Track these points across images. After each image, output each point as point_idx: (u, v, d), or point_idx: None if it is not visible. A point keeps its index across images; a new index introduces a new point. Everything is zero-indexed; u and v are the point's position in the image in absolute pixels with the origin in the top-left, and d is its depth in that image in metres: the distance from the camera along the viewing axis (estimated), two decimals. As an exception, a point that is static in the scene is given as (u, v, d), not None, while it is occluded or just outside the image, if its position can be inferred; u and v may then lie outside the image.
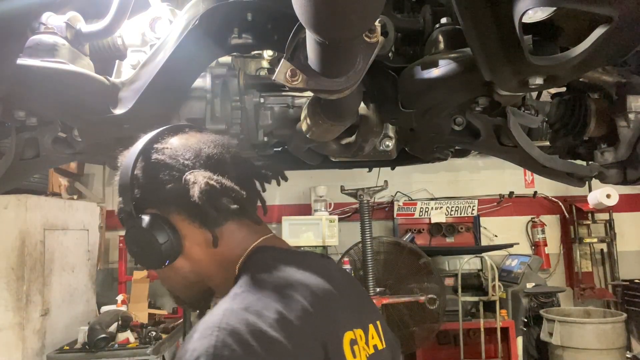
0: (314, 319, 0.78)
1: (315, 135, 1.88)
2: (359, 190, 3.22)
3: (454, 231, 5.47)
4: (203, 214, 0.90)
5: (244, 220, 0.96)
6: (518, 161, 1.93)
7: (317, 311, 0.80)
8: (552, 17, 1.24)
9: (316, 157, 2.79)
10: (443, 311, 3.94)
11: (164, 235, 0.90)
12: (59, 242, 4.25)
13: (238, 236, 0.94)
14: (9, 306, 3.71)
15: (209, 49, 1.62)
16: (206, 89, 1.86)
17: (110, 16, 1.60)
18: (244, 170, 1.00)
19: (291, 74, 1.08)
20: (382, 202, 5.65)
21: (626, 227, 5.67)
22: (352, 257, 4.11)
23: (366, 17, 0.85)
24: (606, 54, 1.17)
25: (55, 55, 1.53)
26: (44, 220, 4.03)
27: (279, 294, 0.79)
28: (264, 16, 1.54)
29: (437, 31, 1.62)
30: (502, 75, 1.31)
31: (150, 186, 0.93)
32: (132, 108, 1.58)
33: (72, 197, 4.81)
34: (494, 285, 4.26)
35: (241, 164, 1.00)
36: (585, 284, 5.40)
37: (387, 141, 2.18)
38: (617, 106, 1.81)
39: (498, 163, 5.25)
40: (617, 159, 1.84)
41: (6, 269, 3.74)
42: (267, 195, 1.05)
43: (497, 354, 4.32)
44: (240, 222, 0.95)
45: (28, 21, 1.33)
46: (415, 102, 1.75)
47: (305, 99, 2.15)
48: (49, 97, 1.55)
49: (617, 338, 4.09)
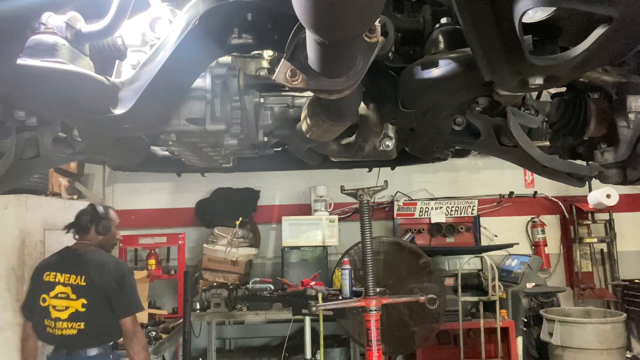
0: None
1: (315, 136, 1.88)
2: (359, 190, 3.21)
3: (454, 231, 5.47)
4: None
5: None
6: (518, 161, 1.93)
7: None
8: (552, 17, 1.24)
9: (316, 157, 2.79)
10: (443, 311, 3.94)
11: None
12: (59, 242, 4.22)
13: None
14: (9, 306, 3.71)
15: (209, 49, 1.62)
16: (206, 89, 1.86)
17: (110, 16, 1.60)
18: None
19: (291, 74, 1.08)
20: (382, 202, 5.65)
21: (626, 227, 5.67)
22: (352, 257, 4.11)
23: (366, 17, 0.85)
24: (606, 54, 1.18)
25: (55, 55, 1.53)
26: (44, 220, 4.03)
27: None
28: (264, 16, 1.54)
29: (437, 31, 1.62)
30: (502, 75, 1.31)
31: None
32: (132, 108, 1.58)
33: (72, 197, 4.81)
34: (494, 285, 4.26)
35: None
36: (585, 284, 5.40)
37: (387, 141, 2.19)
38: (617, 106, 1.81)
39: (498, 163, 5.26)
40: (617, 159, 1.84)
41: (6, 269, 3.74)
42: (267, 195, 1.05)
43: (497, 354, 4.32)
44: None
45: (28, 21, 1.33)
46: (415, 102, 1.75)
47: (305, 99, 2.15)
48: (49, 97, 1.55)
49: (617, 338, 4.08)
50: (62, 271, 2.72)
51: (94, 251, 2.81)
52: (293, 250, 4.91)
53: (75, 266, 2.72)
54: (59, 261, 2.81)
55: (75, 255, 2.79)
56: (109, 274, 2.69)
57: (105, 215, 2.89)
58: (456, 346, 4.39)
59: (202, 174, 3.42)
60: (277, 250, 5.39)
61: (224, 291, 4.60)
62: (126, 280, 2.72)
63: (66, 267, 2.73)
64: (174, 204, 5.59)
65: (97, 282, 2.67)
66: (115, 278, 2.69)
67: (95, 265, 2.71)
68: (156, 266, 4.87)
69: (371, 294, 3.05)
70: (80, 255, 2.78)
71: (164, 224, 5.44)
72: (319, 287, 3.59)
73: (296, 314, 3.69)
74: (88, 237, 2.85)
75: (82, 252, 2.79)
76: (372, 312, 2.99)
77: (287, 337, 4.73)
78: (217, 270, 4.83)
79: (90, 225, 2.84)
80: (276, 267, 5.34)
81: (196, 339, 4.98)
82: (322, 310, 3.33)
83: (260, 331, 5.45)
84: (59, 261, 2.81)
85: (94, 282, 2.66)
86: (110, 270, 2.71)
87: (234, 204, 5.30)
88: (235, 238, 4.93)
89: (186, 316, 3.80)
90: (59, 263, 2.79)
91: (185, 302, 3.77)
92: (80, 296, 2.66)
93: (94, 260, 2.74)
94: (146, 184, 5.57)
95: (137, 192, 5.62)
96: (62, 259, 2.82)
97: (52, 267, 2.77)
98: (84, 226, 2.84)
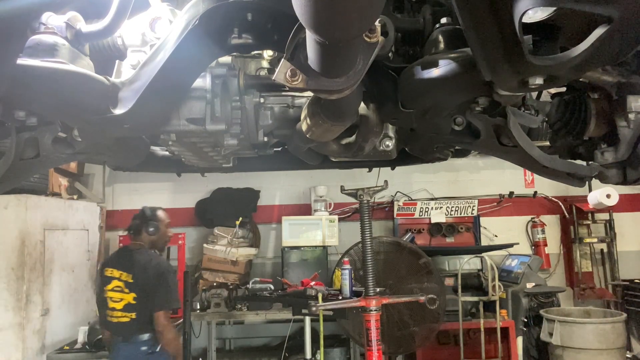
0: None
1: (315, 135, 1.88)
2: (359, 190, 3.21)
3: (454, 231, 5.47)
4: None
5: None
6: (518, 161, 1.93)
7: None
8: (552, 17, 1.24)
9: (316, 157, 2.79)
10: (443, 311, 3.93)
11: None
12: (59, 242, 4.25)
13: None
14: (9, 306, 3.71)
15: (209, 49, 1.62)
16: (206, 89, 1.86)
17: (110, 16, 1.60)
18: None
19: (291, 74, 1.08)
20: (382, 202, 5.65)
21: (626, 227, 5.67)
22: (352, 257, 4.11)
23: (366, 17, 0.85)
24: (606, 54, 1.17)
25: (55, 55, 1.53)
26: (44, 220, 4.03)
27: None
28: (264, 16, 1.54)
29: (437, 31, 1.62)
30: (502, 75, 1.31)
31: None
32: (132, 108, 1.58)
33: (72, 197, 4.81)
34: (494, 285, 4.26)
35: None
36: (585, 284, 5.39)
37: (387, 141, 2.19)
38: (617, 106, 1.81)
39: (498, 163, 5.26)
40: (617, 159, 1.84)
41: (6, 269, 3.74)
42: (267, 195, 1.06)
43: (497, 354, 4.32)
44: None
45: (28, 21, 1.33)
46: (415, 102, 1.75)
47: (305, 99, 2.15)
48: (49, 97, 1.55)
49: (617, 338, 4.08)
50: (117, 268, 3.11)
51: (142, 251, 3.16)
52: (293, 250, 4.90)
53: (126, 264, 3.10)
54: (116, 259, 3.24)
55: (129, 254, 3.17)
56: (149, 272, 3.03)
57: (153, 217, 3.24)
58: (456, 346, 4.39)
59: (202, 174, 3.43)
60: (277, 250, 5.39)
61: (224, 291, 4.60)
62: (163, 278, 3.03)
63: (120, 264, 3.12)
64: (174, 204, 5.59)
65: (140, 279, 3.03)
66: (154, 275, 3.02)
67: (139, 265, 3.07)
68: (156, 266, 4.86)
69: (371, 294, 3.05)
70: (131, 254, 3.16)
71: (164, 224, 5.44)
72: (319, 287, 3.59)
73: (296, 314, 3.69)
74: (141, 237, 3.22)
75: (133, 251, 3.17)
76: (372, 312, 2.99)
77: (287, 337, 4.73)
78: (217, 270, 4.83)
79: (141, 227, 3.20)
80: (276, 267, 5.34)
81: (196, 339, 4.97)
82: (322, 310, 3.33)
83: (260, 331, 5.45)
84: (115, 259, 3.25)
85: (138, 279, 3.03)
86: (151, 269, 3.05)
87: (234, 204, 5.30)
88: (235, 238, 4.93)
89: (186, 316, 3.80)
90: (115, 260, 3.21)
91: (185, 302, 3.77)
92: (131, 291, 3.04)
93: (139, 261, 3.09)
94: (146, 184, 5.56)
95: (137, 192, 5.62)
96: (118, 257, 3.25)
97: (110, 264, 3.20)
98: (136, 229, 3.22)
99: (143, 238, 3.20)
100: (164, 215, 3.32)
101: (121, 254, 3.26)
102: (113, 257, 3.34)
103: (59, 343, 4.09)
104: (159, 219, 3.26)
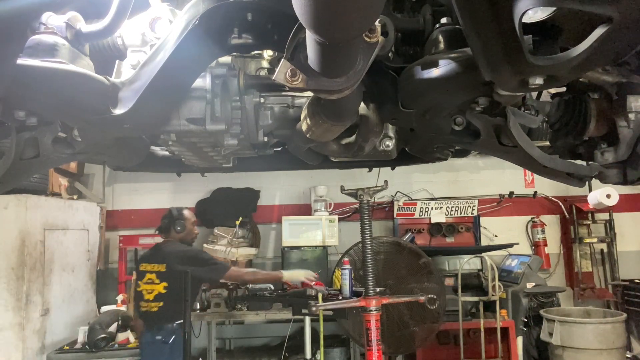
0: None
1: (315, 135, 1.88)
2: (359, 190, 3.21)
3: (454, 231, 5.46)
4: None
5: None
6: (518, 161, 1.93)
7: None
8: (552, 17, 1.24)
9: (316, 157, 2.79)
10: (443, 311, 3.93)
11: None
12: (59, 242, 4.25)
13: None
14: (9, 306, 3.71)
15: (209, 49, 1.62)
16: (206, 89, 1.86)
17: (110, 16, 1.60)
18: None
19: (291, 74, 1.08)
20: (382, 202, 5.65)
21: (626, 227, 5.67)
22: (352, 257, 4.10)
23: (366, 17, 0.85)
24: (606, 54, 1.17)
25: (55, 55, 1.53)
26: (44, 220, 4.03)
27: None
28: (264, 16, 1.54)
29: (437, 31, 1.62)
30: (502, 75, 1.31)
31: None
32: (132, 108, 1.57)
33: (72, 197, 4.81)
34: (494, 285, 4.26)
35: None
36: (585, 284, 5.39)
37: (387, 141, 2.19)
38: (617, 106, 1.80)
39: (498, 163, 5.26)
40: (617, 159, 1.84)
41: (6, 269, 3.74)
42: (267, 195, 1.06)
43: (497, 354, 4.32)
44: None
45: (28, 21, 1.33)
46: (415, 102, 1.74)
47: (305, 99, 2.15)
48: (49, 97, 1.55)
49: (617, 338, 4.08)
50: (150, 262, 3.44)
51: (172, 243, 3.51)
52: (293, 250, 4.90)
53: (158, 257, 3.42)
54: (149, 255, 3.57)
55: (160, 249, 3.52)
56: (182, 259, 3.34)
57: (179, 216, 3.56)
58: (456, 346, 4.39)
59: (202, 174, 3.43)
60: (277, 250, 5.39)
61: (224, 291, 4.60)
62: (199, 257, 3.43)
63: (153, 258, 3.46)
64: (174, 204, 5.56)
65: (172, 266, 3.31)
66: (191, 260, 3.35)
67: (170, 254, 3.38)
68: (156, 266, 4.87)
69: (371, 294, 3.05)
70: (162, 248, 3.51)
71: (164, 224, 5.44)
72: (319, 287, 3.59)
73: (296, 314, 3.68)
74: (170, 235, 3.55)
75: (164, 245, 3.53)
76: (372, 312, 2.99)
77: (287, 337, 4.73)
78: (217, 270, 4.82)
79: (169, 226, 3.53)
80: (276, 267, 5.33)
81: (196, 339, 4.96)
82: (322, 310, 3.33)
83: (260, 331, 5.45)
84: (149, 255, 3.58)
85: (172, 268, 3.31)
86: (182, 255, 3.37)
87: (234, 204, 5.30)
88: (235, 238, 4.93)
89: (186, 316, 3.80)
90: (149, 256, 3.55)
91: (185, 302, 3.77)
92: (162, 280, 3.33)
93: (170, 251, 3.42)
94: (146, 184, 5.56)
95: (137, 192, 5.62)
96: (151, 253, 3.58)
97: (144, 260, 3.53)
98: (164, 227, 3.56)
99: (172, 236, 3.53)
100: (189, 214, 3.65)
101: (153, 250, 3.60)
102: (147, 253, 3.66)
103: (59, 343, 4.09)
104: (185, 217, 3.59)
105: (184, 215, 3.60)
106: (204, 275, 3.42)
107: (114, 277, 5.13)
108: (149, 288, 3.37)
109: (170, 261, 3.34)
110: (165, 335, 3.30)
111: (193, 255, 3.43)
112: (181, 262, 3.32)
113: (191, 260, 3.36)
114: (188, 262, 3.33)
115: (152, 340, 3.32)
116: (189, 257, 3.39)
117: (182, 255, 3.38)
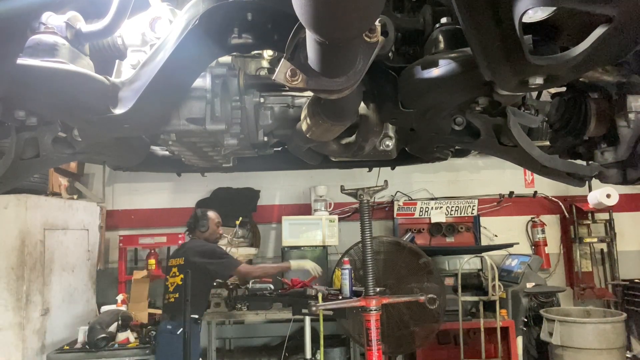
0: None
1: (315, 135, 1.88)
2: (359, 190, 3.21)
3: (454, 231, 5.46)
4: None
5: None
6: (518, 161, 1.93)
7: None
8: (552, 17, 1.24)
9: (316, 157, 2.79)
10: (443, 311, 3.93)
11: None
12: (59, 242, 4.25)
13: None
14: (9, 306, 3.71)
15: (209, 48, 1.62)
16: (206, 89, 1.86)
17: (110, 16, 1.60)
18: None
19: (291, 74, 1.08)
20: (382, 202, 5.65)
21: (626, 227, 5.67)
22: (352, 257, 4.10)
23: (366, 17, 0.85)
24: (606, 54, 1.17)
25: (55, 55, 1.53)
26: (44, 220, 4.03)
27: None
28: (264, 16, 1.54)
29: (437, 31, 1.62)
30: (502, 75, 1.31)
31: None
32: (132, 108, 1.57)
33: (72, 197, 4.81)
34: (494, 285, 4.26)
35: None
36: (585, 284, 5.39)
37: (387, 141, 2.19)
38: (617, 106, 1.81)
39: (498, 163, 5.26)
40: (617, 159, 1.84)
41: (6, 268, 3.74)
42: (267, 194, 1.06)
43: (497, 353, 4.32)
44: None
45: (28, 21, 1.33)
46: (415, 102, 1.74)
47: (305, 99, 2.15)
48: (49, 97, 1.55)
49: (617, 338, 4.08)
50: (174, 257, 3.71)
51: (195, 240, 3.74)
52: (293, 250, 4.90)
53: (180, 252, 3.69)
54: (175, 251, 3.88)
55: (184, 245, 3.81)
56: (198, 252, 3.54)
57: (203, 217, 3.76)
58: (456, 346, 4.39)
59: (202, 174, 3.43)
60: (277, 250, 5.39)
61: (224, 291, 4.59)
62: (214, 251, 3.60)
63: (176, 253, 3.75)
64: (174, 204, 5.60)
65: (190, 259, 3.50)
66: (205, 254, 3.53)
67: (189, 249, 3.60)
68: (156, 266, 4.87)
69: (371, 293, 3.05)
70: (186, 244, 3.79)
71: (164, 224, 5.43)
72: (319, 287, 3.59)
73: (296, 313, 3.69)
74: (195, 235, 3.77)
75: (187, 243, 3.81)
76: (372, 312, 2.99)
77: (287, 337, 4.72)
78: (217, 270, 4.83)
79: (195, 226, 3.75)
80: (276, 267, 5.33)
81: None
82: (322, 310, 3.33)
83: (260, 331, 5.45)
84: (175, 251, 3.87)
85: (189, 260, 3.49)
86: (199, 249, 3.57)
87: (234, 203, 5.30)
88: (235, 238, 4.93)
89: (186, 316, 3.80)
90: (175, 252, 3.84)
91: (185, 302, 3.77)
92: (180, 272, 3.50)
93: (190, 247, 3.66)
94: (146, 184, 5.56)
95: (137, 192, 5.62)
96: (177, 249, 3.88)
97: (172, 256, 3.84)
98: (190, 228, 3.80)
99: (197, 235, 3.75)
100: (213, 215, 3.84)
101: (180, 246, 3.92)
102: (175, 250, 3.96)
103: (59, 343, 4.09)
104: (209, 218, 3.79)
105: (208, 216, 3.78)
106: (214, 269, 3.55)
107: (114, 277, 5.13)
108: (172, 281, 3.59)
109: (188, 255, 3.54)
110: (173, 326, 3.41)
111: (208, 250, 3.59)
112: (196, 255, 3.51)
113: (206, 253, 3.54)
114: (203, 255, 3.51)
115: (164, 329, 3.47)
116: (204, 250, 3.56)
117: (198, 250, 3.57)
